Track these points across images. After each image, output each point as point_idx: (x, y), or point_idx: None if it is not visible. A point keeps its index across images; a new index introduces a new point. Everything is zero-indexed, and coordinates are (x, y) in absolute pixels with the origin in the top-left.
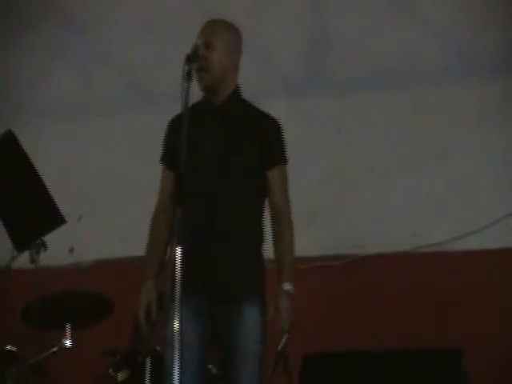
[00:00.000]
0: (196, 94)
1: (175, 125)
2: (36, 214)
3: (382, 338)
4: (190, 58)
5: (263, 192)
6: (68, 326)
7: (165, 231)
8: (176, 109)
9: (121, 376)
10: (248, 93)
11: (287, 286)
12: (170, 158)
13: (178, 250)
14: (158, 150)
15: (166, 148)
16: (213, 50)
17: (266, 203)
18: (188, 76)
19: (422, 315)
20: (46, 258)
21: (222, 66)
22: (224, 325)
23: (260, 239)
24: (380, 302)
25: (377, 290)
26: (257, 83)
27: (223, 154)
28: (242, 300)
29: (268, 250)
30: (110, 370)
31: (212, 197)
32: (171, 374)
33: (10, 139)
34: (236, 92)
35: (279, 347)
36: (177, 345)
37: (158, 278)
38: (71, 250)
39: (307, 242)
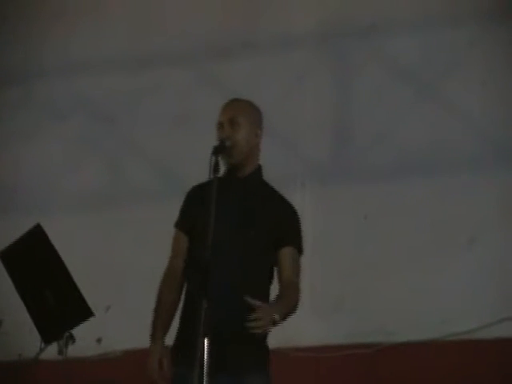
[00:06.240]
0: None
1: (194, 194)
2: (63, 307)
3: None
4: (218, 150)
5: (271, 273)
6: None
7: (175, 295)
8: None
9: None
10: (272, 179)
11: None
12: (186, 224)
13: (205, 342)
14: None
15: (183, 215)
16: (238, 127)
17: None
18: (215, 167)
19: None
20: (74, 349)
21: (247, 142)
22: None
23: None
24: None
25: (407, 379)
26: (281, 170)
27: (239, 228)
28: (247, 372)
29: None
30: None
31: (224, 272)
32: None
33: (39, 233)
34: (258, 170)
35: None
36: None
37: (163, 341)
38: (99, 341)
39: (335, 330)
